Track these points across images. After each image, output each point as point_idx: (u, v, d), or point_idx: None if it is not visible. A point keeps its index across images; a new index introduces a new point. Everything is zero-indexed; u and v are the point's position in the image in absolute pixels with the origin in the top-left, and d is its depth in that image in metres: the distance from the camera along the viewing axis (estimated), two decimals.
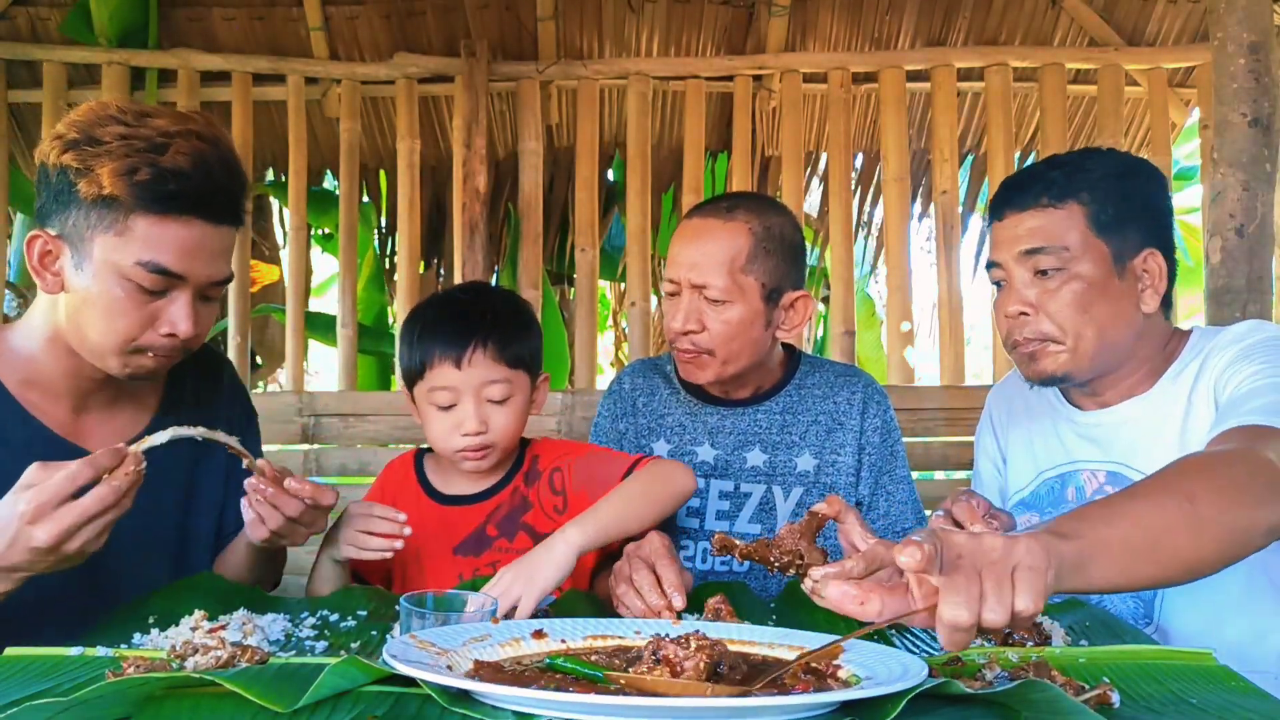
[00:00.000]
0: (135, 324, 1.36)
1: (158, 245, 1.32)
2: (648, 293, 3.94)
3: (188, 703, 0.89)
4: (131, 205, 1.31)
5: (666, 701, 0.86)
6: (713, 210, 1.77)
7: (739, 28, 4.04)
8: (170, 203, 1.32)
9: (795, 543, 1.32)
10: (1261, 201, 2.68)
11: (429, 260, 4.60)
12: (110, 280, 1.33)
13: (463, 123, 3.84)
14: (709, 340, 1.73)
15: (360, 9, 3.94)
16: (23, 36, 3.94)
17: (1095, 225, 1.53)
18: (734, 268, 1.71)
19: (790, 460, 1.83)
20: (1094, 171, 1.55)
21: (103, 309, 1.35)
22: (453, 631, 1.09)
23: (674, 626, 1.16)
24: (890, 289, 3.99)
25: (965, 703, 0.92)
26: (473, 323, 1.60)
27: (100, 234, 1.32)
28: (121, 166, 1.30)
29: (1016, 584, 0.88)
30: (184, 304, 1.37)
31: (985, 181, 4.14)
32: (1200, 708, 0.96)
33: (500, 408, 1.61)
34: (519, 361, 1.63)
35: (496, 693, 0.88)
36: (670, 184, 4.44)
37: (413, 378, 1.65)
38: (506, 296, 1.77)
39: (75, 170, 1.31)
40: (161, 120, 1.35)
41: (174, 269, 1.34)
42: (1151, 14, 3.93)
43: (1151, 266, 1.55)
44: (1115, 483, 1.57)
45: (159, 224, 1.32)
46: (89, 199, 1.31)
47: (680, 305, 1.74)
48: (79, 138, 1.32)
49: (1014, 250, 1.56)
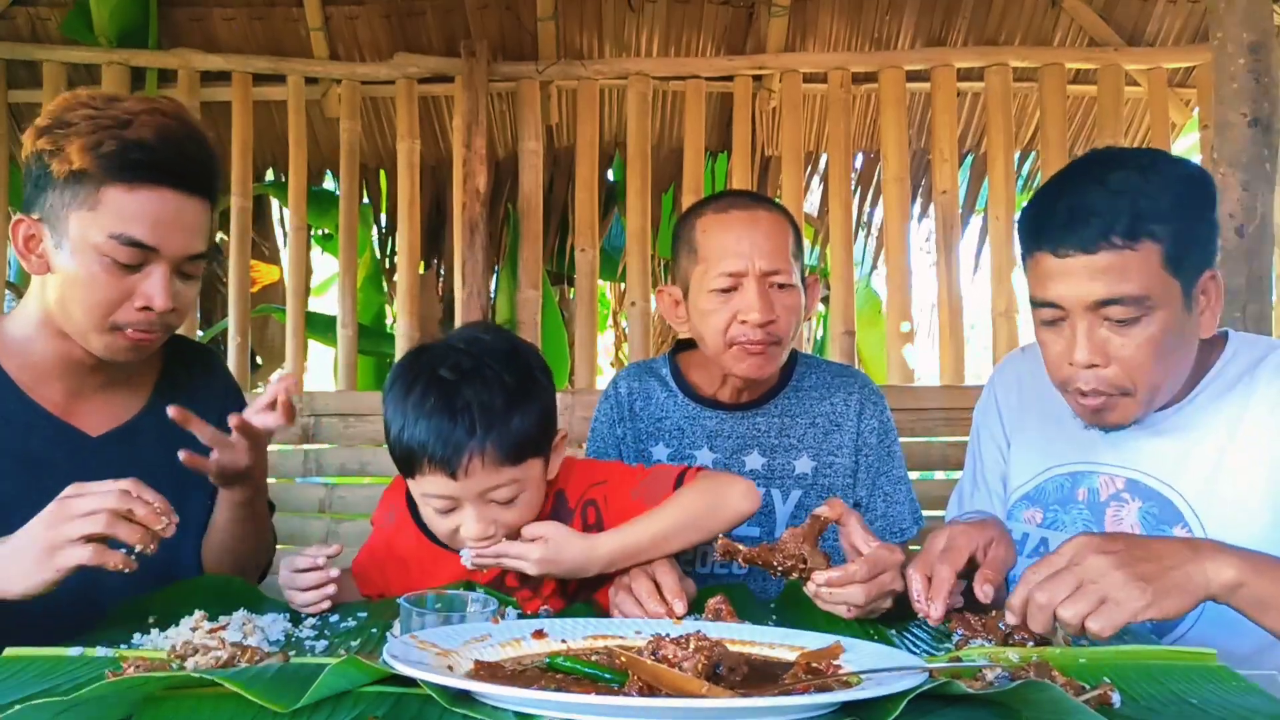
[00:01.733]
0: (112, 299, 1.39)
1: (129, 217, 1.37)
2: (648, 293, 3.94)
3: (188, 703, 0.89)
4: (100, 177, 1.36)
5: (666, 702, 0.86)
6: (754, 201, 1.77)
7: (739, 28, 4.04)
8: (137, 171, 1.36)
9: (798, 546, 1.32)
10: (1261, 201, 2.68)
11: (429, 260, 4.60)
12: (87, 256, 1.37)
13: (463, 123, 3.84)
14: (781, 329, 1.71)
15: (360, 9, 3.94)
16: (23, 36, 3.94)
17: (1170, 264, 1.37)
18: (790, 253, 1.73)
19: (788, 463, 1.82)
20: (1162, 198, 1.37)
21: (82, 285, 1.39)
22: (453, 632, 1.09)
23: (674, 626, 1.16)
24: (890, 289, 3.99)
25: (965, 703, 0.92)
26: (465, 419, 1.35)
27: (74, 210, 1.37)
28: (88, 142, 1.35)
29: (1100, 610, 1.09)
30: (159, 278, 1.40)
31: (985, 181, 4.14)
32: (1200, 708, 0.96)
33: (507, 508, 1.41)
34: (527, 451, 1.40)
35: (497, 693, 0.88)
36: (670, 184, 4.44)
37: (406, 472, 1.44)
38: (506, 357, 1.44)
39: (48, 153, 1.37)
40: (128, 102, 1.42)
41: (146, 240, 1.38)
42: (1151, 14, 3.93)
43: (1210, 289, 1.43)
44: (1134, 490, 1.51)
45: (128, 194, 1.37)
46: (61, 177, 1.36)
47: (752, 295, 1.68)
48: (50, 123, 1.39)
49: (1083, 299, 1.38)
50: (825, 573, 1.29)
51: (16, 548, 1.21)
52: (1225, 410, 1.47)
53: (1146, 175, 1.39)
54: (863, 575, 1.29)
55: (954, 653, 1.15)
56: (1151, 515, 1.49)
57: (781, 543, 1.33)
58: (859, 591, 1.29)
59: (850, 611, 1.30)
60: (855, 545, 1.35)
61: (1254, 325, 2.67)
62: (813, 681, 0.94)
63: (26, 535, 1.21)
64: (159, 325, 1.43)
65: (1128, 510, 1.52)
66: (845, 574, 1.29)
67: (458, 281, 3.84)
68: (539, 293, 3.95)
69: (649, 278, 3.99)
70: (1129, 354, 1.39)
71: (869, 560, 1.31)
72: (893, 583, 1.32)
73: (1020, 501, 1.64)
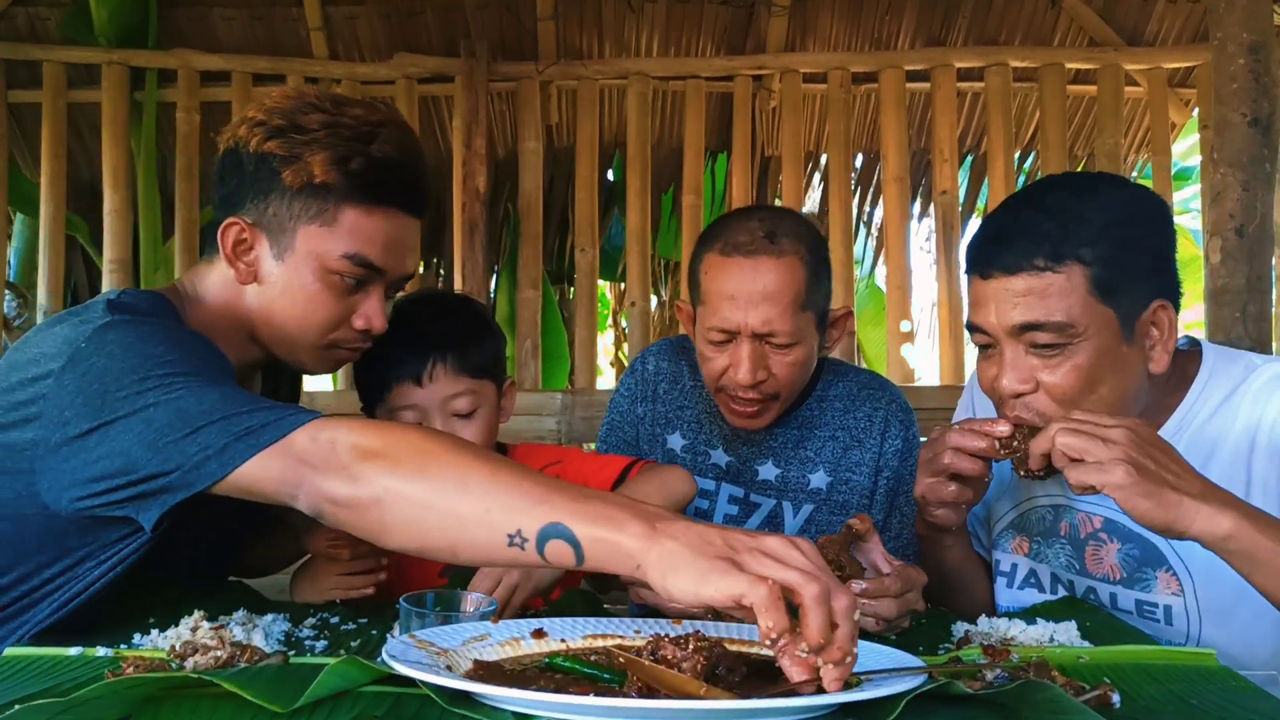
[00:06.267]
0: (334, 317, 1.34)
1: (365, 238, 1.31)
2: (647, 292, 3.95)
3: (187, 703, 0.89)
4: (342, 195, 1.29)
5: (666, 702, 0.86)
6: (759, 246, 1.56)
7: (739, 28, 4.04)
8: (380, 193, 1.31)
9: (836, 553, 1.30)
10: (1261, 201, 2.69)
11: (429, 260, 4.60)
12: (312, 272, 1.31)
13: (463, 123, 3.84)
14: (775, 386, 1.59)
15: (360, 9, 3.95)
16: (23, 36, 3.95)
17: (1099, 289, 1.29)
18: (796, 306, 1.55)
19: (803, 476, 1.74)
20: (1093, 221, 1.30)
21: (303, 301, 1.32)
22: (452, 631, 1.09)
23: (674, 626, 1.16)
24: (890, 289, 4.00)
25: (965, 703, 0.92)
26: (430, 337, 1.53)
27: (305, 224, 1.30)
28: (333, 155, 1.28)
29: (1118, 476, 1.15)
30: (377, 299, 1.35)
31: (985, 181, 4.14)
32: (1200, 708, 0.96)
33: (468, 422, 1.54)
34: (483, 370, 1.56)
35: (496, 693, 0.88)
36: (670, 184, 4.44)
37: (372, 400, 1.58)
38: (463, 302, 1.68)
39: (280, 158, 1.28)
40: (359, 110, 1.33)
41: (377, 263, 1.32)
42: (1151, 14, 3.93)
43: (1161, 320, 1.33)
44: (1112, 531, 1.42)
45: (367, 215, 1.31)
46: (295, 187, 1.28)
47: (742, 355, 1.56)
48: (283, 124, 1.29)
49: (1003, 322, 1.32)
50: (859, 582, 1.28)
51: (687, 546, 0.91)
52: (1203, 442, 1.37)
53: (1082, 197, 1.33)
54: (897, 589, 1.28)
55: (954, 653, 1.15)
56: (1132, 558, 1.41)
57: (820, 546, 1.28)
58: (892, 604, 1.26)
59: (878, 624, 1.28)
60: (875, 562, 1.32)
61: (1254, 325, 2.67)
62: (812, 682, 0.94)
63: (701, 536, 0.91)
64: (369, 342, 1.40)
65: (1106, 551, 1.43)
66: (880, 586, 1.26)
67: (457, 281, 3.84)
68: (539, 292, 3.95)
69: (649, 277, 3.99)
70: (1055, 382, 1.31)
71: (903, 574, 1.29)
72: (916, 602, 1.30)
73: (1006, 531, 1.57)
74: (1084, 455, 1.18)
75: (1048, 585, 1.50)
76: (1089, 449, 1.18)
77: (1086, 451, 1.18)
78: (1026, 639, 1.18)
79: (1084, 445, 1.19)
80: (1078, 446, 1.19)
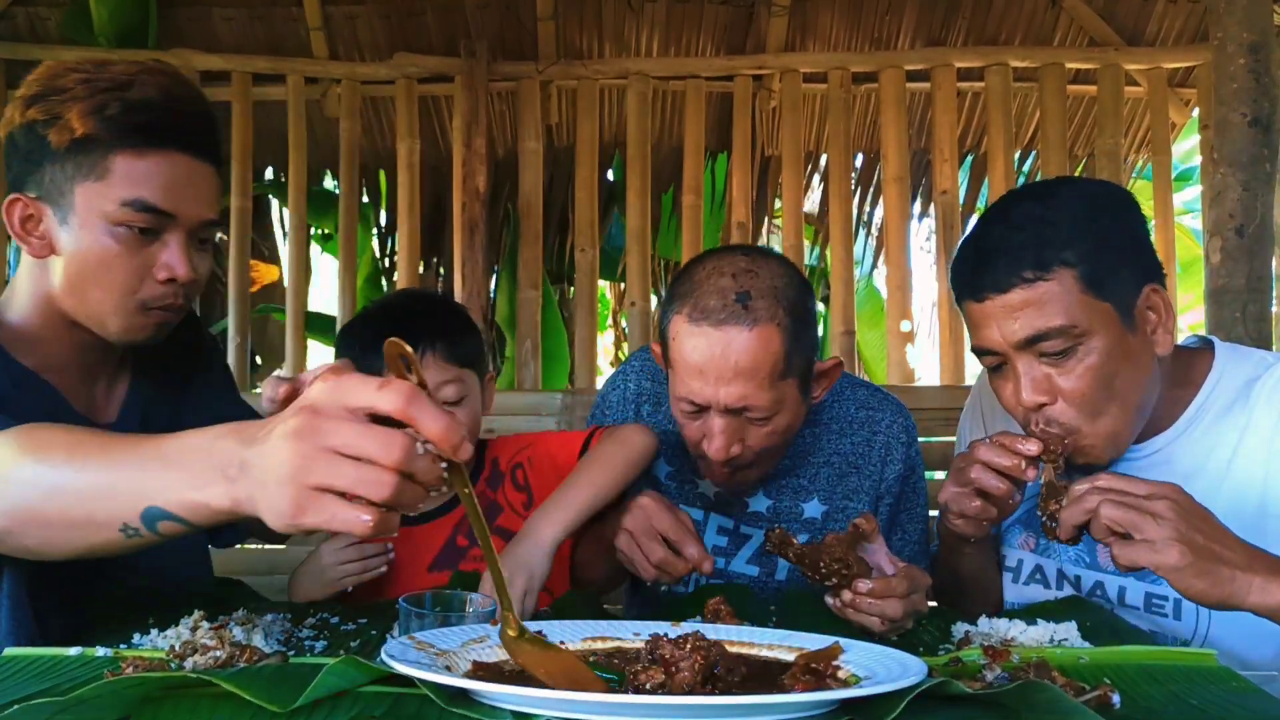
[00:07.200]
0: (132, 273, 1.30)
1: (141, 181, 1.28)
2: (647, 292, 3.94)
3: (186, 703, 0.89)
4: (108, 143, 1.27)
5: (666, 700, 0.86)
6: (729, 314, 1.41)
7: (739, 28, 4.04)
8: (147, 134, 1.28)
9: (844, 552, 1.30)
10: (1261, 201, 2.69)
11: (429, 260, 4.60)
12: (99, 230, 1.29)
13: (462, 123, 3.84)
14: (753, 455, 1.51)
15: (360, 9, 3.94)
16: (23, 36, 3.94)
17: (1091, 286, 1.32)
18: (774, 378, 1.43)
19: (796, 506, 1.68)
20: (1065, 223, 1.33)
21: (96, 263, 1.30)
22: (451, 633, 1.09)
23: (673, 627, 1.16)
24: (890, 289, 4.00)
25: (965, 703, 0.92)
26: (420, 328, 1.58)
27: (80, 182, 1.28)
28: (90, 105, 1.26)
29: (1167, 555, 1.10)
30: (177, 246, 1.32)
31: (985, 181, 4.14)
32: (1200, 708, 0.96)
33: (455, 410, 1.59)
34: (469, 361, 1.63)
35: (495, 692, 0.88)
36: (670, 184, 4.44)
37: None
38: (445, 300, 1.84)
39: (42, 122, 1.27)
40: (120, 65, 1.32)
41: (161, 205, 1.29)
42: (1151, 14, 3.93)
43: (1156, 303, 1.37)
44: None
45: (139, 158, 1.28)
46: (62, 147, 1.27)
47: (714, 430, 1.46)
48: (40, 91, 1.29)
49: (1009, 338, 1.34)
50: (866, 582, 1.27)
51: (262, 466, 0.85)
52: (1220, 441, 1.39)
53: (1046, 203, 1.36)
54: (903, 589, 1.27)
55: (954, 653, 1.15)
56: None
57: (827, 545, 1.29)
58: (898, 604, 1.26)
59: (883, 624, 1.27)
60: (879, 564, 1.32)
61: (1254, 325, 2.67)
62: (812, 682, 0.94)
63: (268, 455, 0.84)
64: (179, 301, 1.36)
65: None
66: (886, 586, 1.25)
67: (457, 281, 3.84)
68: (539, 292, 3.95)
69: (649, 278, 3.99)
70: (1072, 386, 1.33)
71: (909, 575, 1.29)
72: (921, 603, 1.30)
73: (1014, 526, 1.57)
74: (1133, 531, 1.13)
75: (1053, 581, 1.51)
76: (1138, 525, 1.13)
77: (1135, 527, 1.13)
78: (1027, 639, 1.18)
79: (1133, 520, 1.13)
80: (1125, 521, 1.13)
